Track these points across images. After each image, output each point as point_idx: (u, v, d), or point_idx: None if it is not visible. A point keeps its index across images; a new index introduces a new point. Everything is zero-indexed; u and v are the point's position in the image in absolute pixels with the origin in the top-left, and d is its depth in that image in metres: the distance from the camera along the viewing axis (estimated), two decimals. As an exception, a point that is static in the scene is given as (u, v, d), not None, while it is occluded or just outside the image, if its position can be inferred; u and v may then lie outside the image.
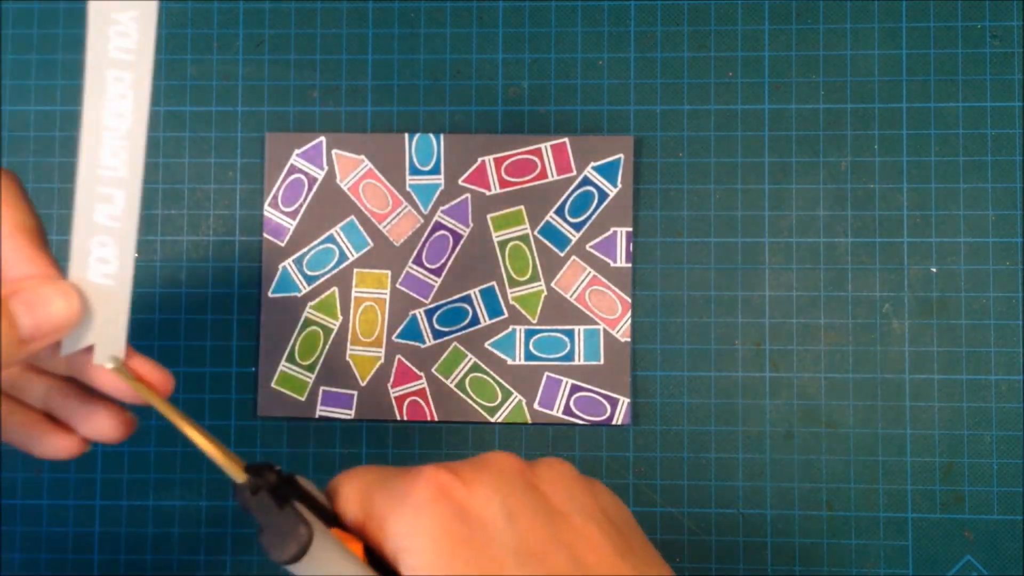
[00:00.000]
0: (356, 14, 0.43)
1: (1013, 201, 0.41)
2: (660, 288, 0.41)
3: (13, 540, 0.42)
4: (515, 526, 0.23)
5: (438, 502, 0.22)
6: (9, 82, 0.43)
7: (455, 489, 0.23)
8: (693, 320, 0.41)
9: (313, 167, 0.42)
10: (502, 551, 0.22)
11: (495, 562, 0.22)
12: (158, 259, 0.42)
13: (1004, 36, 0.41)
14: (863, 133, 0.41)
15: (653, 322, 0.41)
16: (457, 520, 0.22)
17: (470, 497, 0.23)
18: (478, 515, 0.23)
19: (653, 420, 0.41)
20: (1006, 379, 0.40)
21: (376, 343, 0.41)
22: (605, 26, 0.42)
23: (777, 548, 0.40)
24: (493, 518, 0.23)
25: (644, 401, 0.41)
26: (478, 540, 0.22)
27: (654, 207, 0.42)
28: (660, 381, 0.41)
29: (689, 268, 0.41)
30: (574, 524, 0.23)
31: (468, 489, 0.23)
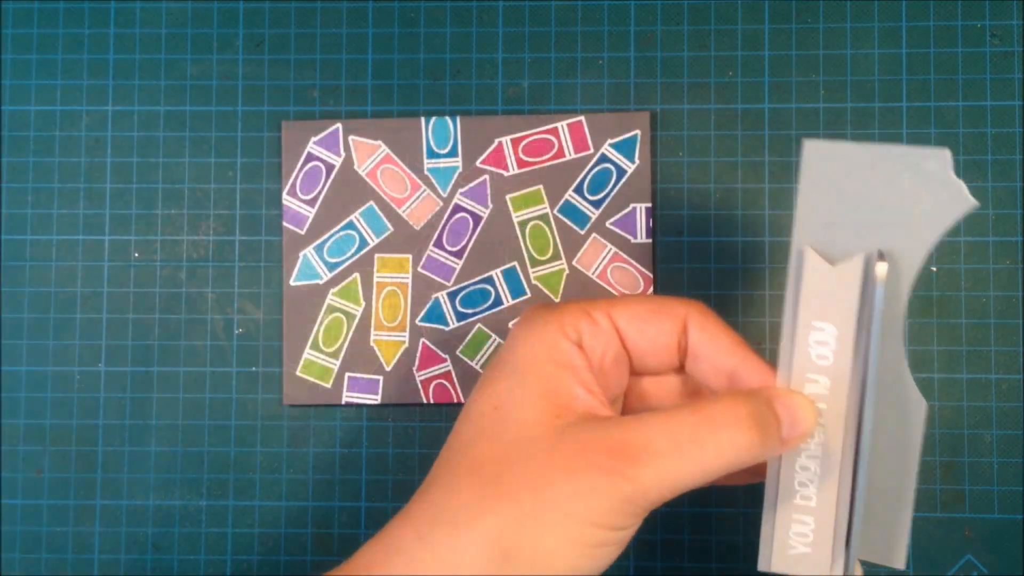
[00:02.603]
0: (356, 14, 0.43)
1: (1013, 200, 0.41)
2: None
3: (13, 540, 0.42)
4: None
5: None
6: (9, 82, 0.43)
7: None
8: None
9: (330, 154, 0.42)
10: None
11: None
12: (158, 259, 0.42)
13: (1004, 35, 0.41)
14: (863, 132, 0.41)
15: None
16: None
17: None
18: None
19: (653, 419, 0.41)
20: (1006, 378, 0.40)
21: (400, 327, 0.41)
22: (605, 25, 0.42)
23: (777, 547, 0.40)
24: None
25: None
26: None
27: (653, 207, 0.42)
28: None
29: (689, 268, 0.41)
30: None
31: None
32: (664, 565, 0.40)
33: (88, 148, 0.43)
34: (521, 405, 0.26)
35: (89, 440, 0.42)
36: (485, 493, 0.25)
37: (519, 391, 0.27)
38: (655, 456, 0.24)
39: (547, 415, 0.26)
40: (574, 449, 0.25)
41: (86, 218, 0.42)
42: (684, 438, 0.25)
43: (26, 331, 0.42)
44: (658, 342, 0.29)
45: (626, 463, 0.24)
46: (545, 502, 0.24)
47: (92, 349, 0.42)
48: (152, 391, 0.42)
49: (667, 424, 0.25)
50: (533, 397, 0.26)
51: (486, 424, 0.27)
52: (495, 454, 0.26)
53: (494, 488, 0.25)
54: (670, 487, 0.25)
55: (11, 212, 0.43)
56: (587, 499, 0.24)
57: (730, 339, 0.28)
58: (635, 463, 0.24)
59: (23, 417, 0.42)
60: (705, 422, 0.25)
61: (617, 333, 0.28)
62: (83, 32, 0.43)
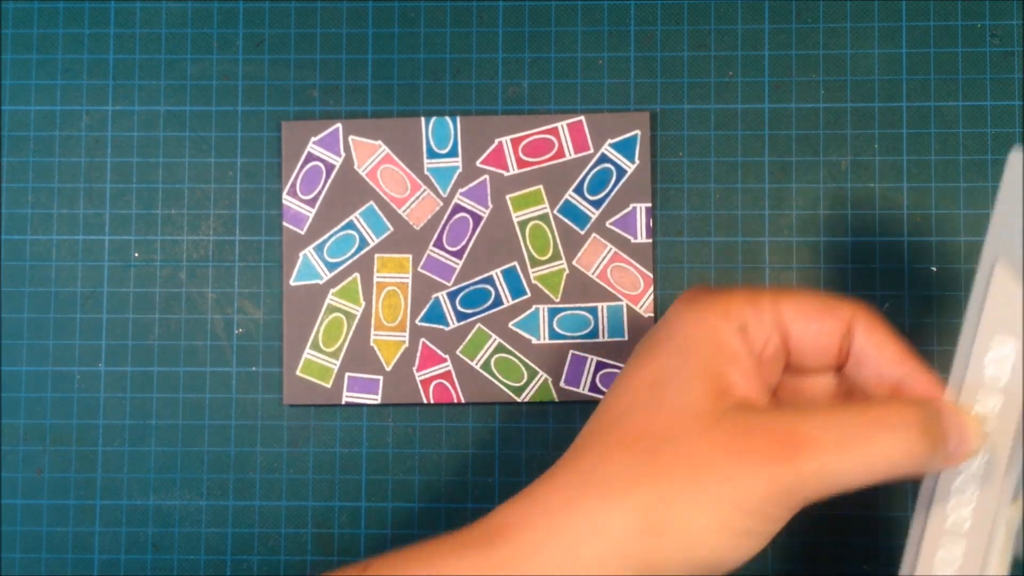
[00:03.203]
0: (356, 14, 0.43)
1: (1013, 200, 0.41)
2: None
3: (13, 540, 0.42)
4: None
5: None
6: (9, 82, 0.43)
7: None
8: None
9: (330, 154, 0.42)
10: None
11: None
12: (158, 259, 0.42)
13: (1004, 35, 0.41)
14: (863, 132, 0.41)
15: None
16: None
17: None
18: None
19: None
20: (1006, 378, 0.40)
21: (400, 327, 0.41)
22: (605, 25, 0.42)
23: (777, 547, 0.40)
24: None
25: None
26: None
27: (653, 207, 0.42)
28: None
29: (689, 268, 0.41)
30: None
31: None
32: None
33: (88, 148, 0.43)
34: (680, 383, 0.26)
35: (89, 440, 0.42)
36: (639, 464, 0.24)
37: (679, 369, 0.26)
38: (819, 449, 0.24)
39: (707, 396, 0.25)
40: (735, 432, 0.24)
41: (86, 218, 0.42)
42: (850, 435, 0.24)
43: (26, 331, 0.42)
44: (820, 341, 0.28)
45: (789, 452, 0.24)
46: (700, 481, 0.24)
47: (92, 349, 0.42)
48: (152, 391, 0.42)
49: (834, 419, 0.25)
50: (693, 377, 0.26)
51: (642, 398, 0.26)
52: (651, 428, 0.25)
53: (649, 460, 0.24)
54: (830, 483, 0.24)
55: (11, 212, 0.43)
56: (745, 484, 0.24)
57: (898, 347, 0.28)
58: (798, 453, 0.24)
59: (23, 417, 0.42)
60: (875, 422, 0.25)
61: (780, 326, 0.28)
62: (83, 32, 0.43)
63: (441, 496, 0.41)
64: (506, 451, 0.41)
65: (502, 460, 0.41)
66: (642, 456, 0.25)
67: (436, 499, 0.41)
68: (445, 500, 0.41)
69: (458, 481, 0.41)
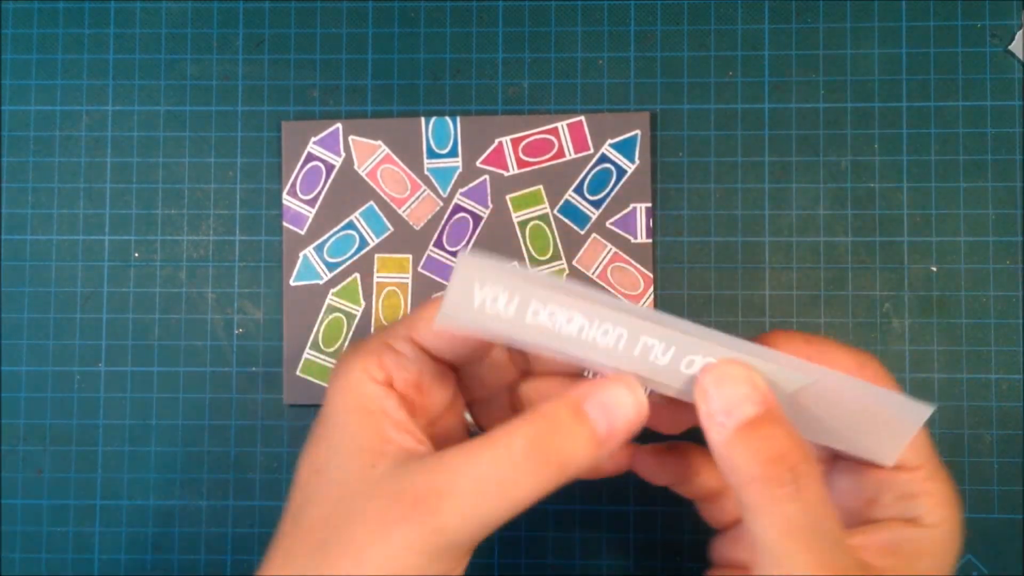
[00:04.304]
0: (356, 14, 0.43)
1: (1013, 200, 0.41)
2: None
3: (13, 540, 0.42)
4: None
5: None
6: (9, 82, 0.43)
7: None
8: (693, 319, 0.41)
9: (330, 154, 0.42)
10: None
11: None
12: (158, 259, 0.42)
13: (1004, 35, 0.41)
14: (863, 132, 0.41)
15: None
16: None
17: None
18: None
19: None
20: (1006, 378, 0.40)
21: None
22: (605, 25, 0.42)
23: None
24: None
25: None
26: None
27: (653, 206, 0.42)
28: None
29: (689, 268, 0.41)
30: None
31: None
32: (664, 565, 0.40)
33: (88, 148, 0.43)
34: (338, 464, 0.26)
35: (89, 440, 0.42)
36: (313, 562, 0.24)
37: (334, 450, 0.26)
38: (456, 498, 0.23)
39: (363, 468, 0.25)
40: (385, 503, 0.24)
41: (86, 218, 0.42)
42: (482, 475, 0.24)
43: (26, 331, 0.42)
44: (469, 345, 0.27)
45: (429, 511, 0.23)
46: (364, 567, 0.24)
47: (92, 349, 0.42)
48: (152, 391, 0.42)
49: (465, 461, 0.24)
50: (347, 453, 0.26)
51: (311, 490, 0.26)
52: (320, 520, 0.25)
53: (321, 557, 0.24)
54: (478, 527, 0.24)
55: (11, 212, 0.43)
56: (402, 557, 0.23)
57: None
58: (437, 509, 0.23)
59: (23, 417, 0.42)
60: (500, 456, 0.24)
61: (428, 354, 0.27)
62: (83, 32, 0.43)
63: (441, 496, 0.41)
64: (506, 451, 0.41)
65: (502, 460, 0.41)
66: (316, 552, 0.25)
67: (436, 499, 0.41)
68: (445, 500, 0.41)
69: (458, 481, 0.41)
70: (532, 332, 0.25)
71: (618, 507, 0.41)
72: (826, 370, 0.25)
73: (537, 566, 0.41)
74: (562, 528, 0.41)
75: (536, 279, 0.25)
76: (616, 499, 0.41)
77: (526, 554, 0.41)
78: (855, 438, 0.26)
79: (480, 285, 0.25)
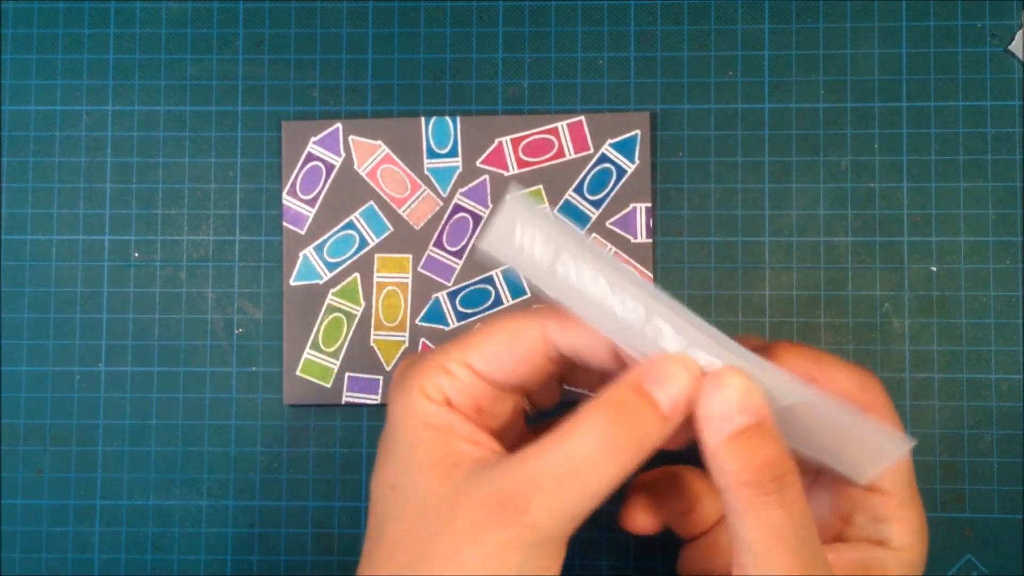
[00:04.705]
0: (356, 14, 0.43)
1: (1013, 200, 0.41)
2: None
3: (13, 540, 0.42)
4: None
5: None
6: (9, 82, 0.43)
7: None
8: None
9: (330, 154, 0.42)
10: None
11: None
12: (158, 259, 0.42)
13: (1004, 35, 0.41)
14: (863, 132, 0.41)
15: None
16: None
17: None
18: None
19: (653, 419, 0.41)
20: (1006, 378, 0.40)
21: (400, 327, 0.41)
22: (605, 25, 0.42)
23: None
24: None
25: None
26: None
27: (653, 206, 0.42)
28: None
29: (689, 268, 0.41)
30: None
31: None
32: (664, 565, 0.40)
33: (88, 148, 0.43)
34: (414, 479, 0.26)
35: (89, 440, 0.42)
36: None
37: (407, 466, 0.26)
38: (541, 495, 0.24)
39: (440, 480, 0.25)
40: (471, 511, 0.24)
41: (86, 218, 0.42)
42: (561, 470, 0.24)
43: (26, 331, 0.42)
44: (523, 372, 0.28)
45: (517, 511, 0.24)
46: (463, 572, 0.24)
47: (92, 349, 0.42)
48: (152, 391, 0.42)
49: (544, 458, 0.24)
50: (421, 468, 0.26)
51: (389, 505, 0.26)
52: (403, 536, 0.25)
53: (413, 572, 0.25)
54: (567, 519, 0.24)
55: (11, 212, 0.43)
56: (498, 559, 0.24)
57: (597, 336, 0.27)
58: (526, 508, 0.24)
59: (23, 417, 0.42)
60: (576, 448, 0.24)
61: (482, 378, 0.28)
62: (83, 32, 0.43)
63: (441, 496, 0.41)
64: (506, 451, 0.41)
65: (502, 460, 0.41)
66: (407, 568, 0.25)
67: (436, 499, 0.41)
68: (445, 500, 0.41)
69: (458, 481, 0.41)
70: (560, 285, 0.26)
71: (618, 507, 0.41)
72: (822, 394, 0.26)
73: (537, 566, 0.41)
74: (562, 528, 0.41)
75: (573, 234, 0.26)
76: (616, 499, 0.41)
77: (526, 554, 0.41)
78: (837, 453, 0.27)
79: (522, 225, 0.26)
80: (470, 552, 0.24)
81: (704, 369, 0.26)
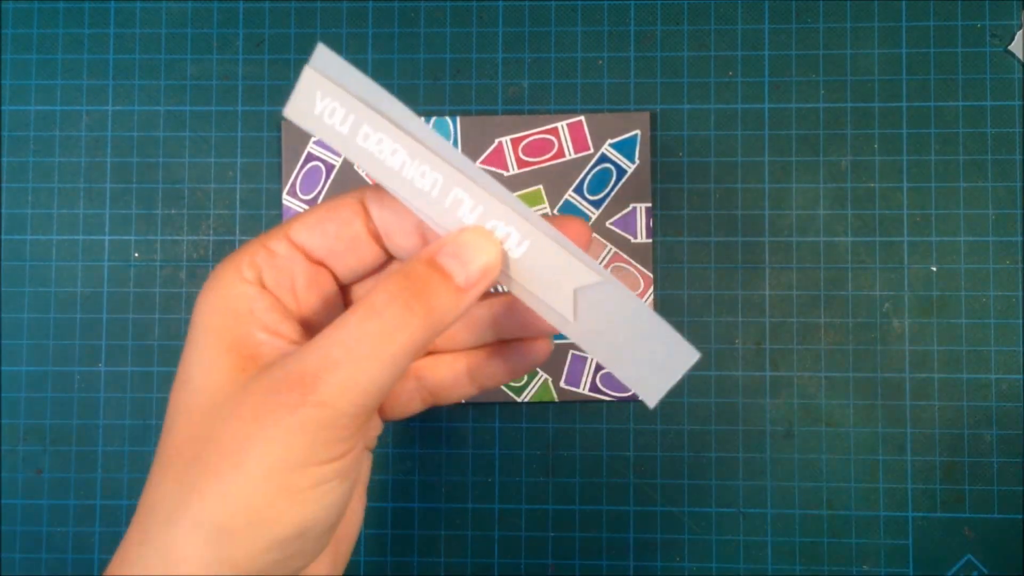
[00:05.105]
0: (356, 14, 0.43)
1: (1013, 200, 0.41)
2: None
3: (13, 540, 0.42)
4: None
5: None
6: (9, 82, 0.43)
7: None
8: (693, 320, 0.41)
9: (330, 154, 0.42)
10: None
11: None
12: (158, 259, 0.42)
13: (1004, 35, 0.41)
14: (863, 132, 0.41)
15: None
16: None
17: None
18: None
19: (653, 420, 0.41)
20: (1006, 378, 0.40)
21: None
22: (605, 25, 0.42)
23: (777, 547, 0.40)
24: None
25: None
26: None
27: (653, 206, 0.42)
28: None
29: (689, 267, 0.41)
30: None
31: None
32: (664, 565, 0.40)
33: (88, 148, 0.43)
34: (206, 372, 0.25)
35: (89, 440, 0.42)
36: (188, 477, 0.23)
37: (201, 357, 0.25)
38: (332, 369, 0.23)
39: (232, 373, 0.24)
40: (259, 398, 0.23)
41: (86, 218, 0.42)
42: (353, 339, 0.23)
43: (26, 331, 0.42)
44: (344, 238, 0.27)
45: (307, 389, 0.23)
46: (245, 464, 0.23)
47: (92, 349, 0.42)
48: (152, 391, 0.42)
49: (338, 332, 0.23)
50: (214, 359, 0.25)
51: (180, 403, 0.25)
52: (192, 432, 0.24)
53: (196, 468, 0.23)
54: (361, 394, 0.23)
55: (11, 212, 0.43)
56: (284, 443, 0.23)
57: (411, 213, 0.26)
58: (315, 385, 0.23)
59: (23, 417, 0.42)
60: (365, 318, 0.23)
61: (302, 251, 0.27)
62: (83, 32, 0.43)
63: (441, 496, 0.41)
64: (506, 451, 0.41)
65: (502, 460, 0.41)
66: (190, 465, 0.23)
67: (436, 499, 0.41)
68: (445, 500, 0.41)
69: (458, 481, 0.41)
70: (361, 155, 0.25)
71: (618, 507, 0.41)
72: (614, 279, 0.25)
73: (537, 566, 0.41)
74: (562, 528, 0.41)
75: (375, 101, 0.25)
76: (616, 499, 0.41)
77: (526, 554, 0.41)
78: (627, 359, 0.26)
79: (321, 96, 0.25)
80: (257, 438, 0.23)
81: (502, 240, 0.25)
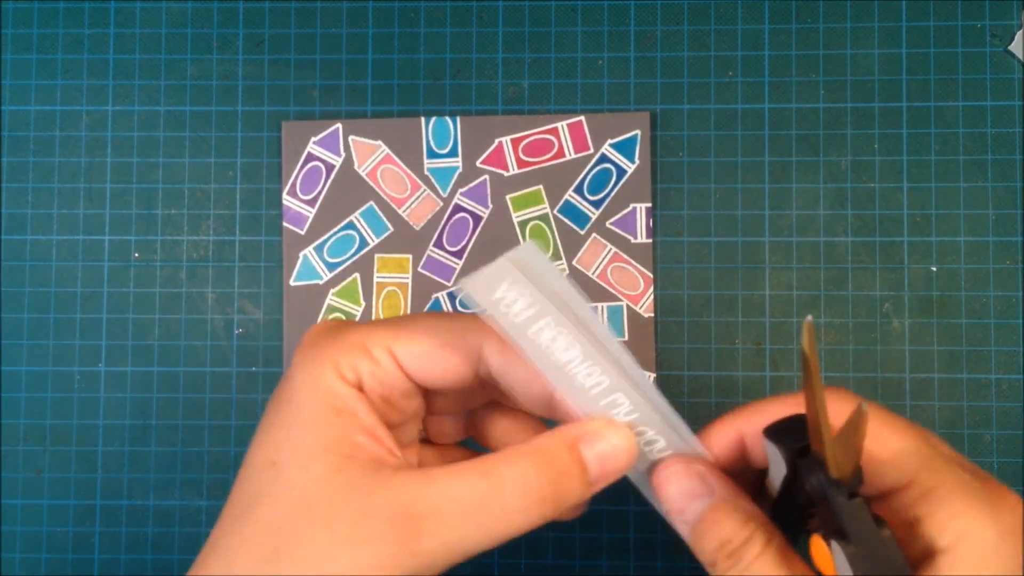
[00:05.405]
0: (356, 14, 0.43)
1: (1013, 200, 0.41)
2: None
3: (13, 540, 0.42)
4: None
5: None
6: (9, 82, 0.43)
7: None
8: (693, 320, 0.41)
9: (330, 154, 0.42)
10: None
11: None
12: (158, 259, 0.42)
13: (1004, 35, 0.41)
14: (863, 132, 0.41)
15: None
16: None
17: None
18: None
19: (653, 419, 0.41)
20: (1006, 378, 0.40)
21: None
22: (605, 25, 0.42)
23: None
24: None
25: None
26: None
27: (653, 207, 0.42)
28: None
29: (689, 268, 0.41)
30: None
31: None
32: (664, 565, 0.40)
33: (88, 148, 0.43)
34: (300, 460, 0.24)
35: (89, 440, 0.42)
36: (266, 568, 0.23)
37: (297, 443, 0.24)
38: (439, 523, 0.23)
39: (328, 470, 0.23)
40: (357, 516, 0.23)
41: (86, 218, 0.42)
42: (471, 505, 0.23)
43: (26, 331, 0.42)
44: (452, 377, 0.26)
45: (408, 534, 0.22)
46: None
47: (92, 349, 0.42)
48: (152, 391, 0.42)
49: (454, 486, 0.23)
50: (312, 450, 0.24)
51: (265, 482, 0.24)
52: (274, 521, 0.23)
53: (274, 564, 0.23)
54: (457, 554, 0.23)
55: (11, 212, 0.43)
56: (370, 573, 0.22)
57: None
58: (417, 533, 0.22)
59: (23, 417, 0.42)
60: (494, 488, 0.23)
61: (403, 369, 0.26)
62: (83, 32, 0.43)
63: (441, 496, 0.41)
64: (506, 451, 0.41)
65: (502, 460, 0.41)
66: (268, 559, 0.23)
67: (436, 499, 0.41)
68: (445, 500, 0.41)
69: (458, 481, 0.41)
70: (529, 345, 0.25)
71: (618, 507, 0.41)
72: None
73: (537, 566, 0.41)
74: (562, 528, 0.41)
75: (567, 300, 0.25)
76: (616, 499, 0.41)
77: (526, 554, 0.41)
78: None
79: (508, 285, 0.25)
80: (343, 558, 0.22)
81: (642, 446, 0.26)
